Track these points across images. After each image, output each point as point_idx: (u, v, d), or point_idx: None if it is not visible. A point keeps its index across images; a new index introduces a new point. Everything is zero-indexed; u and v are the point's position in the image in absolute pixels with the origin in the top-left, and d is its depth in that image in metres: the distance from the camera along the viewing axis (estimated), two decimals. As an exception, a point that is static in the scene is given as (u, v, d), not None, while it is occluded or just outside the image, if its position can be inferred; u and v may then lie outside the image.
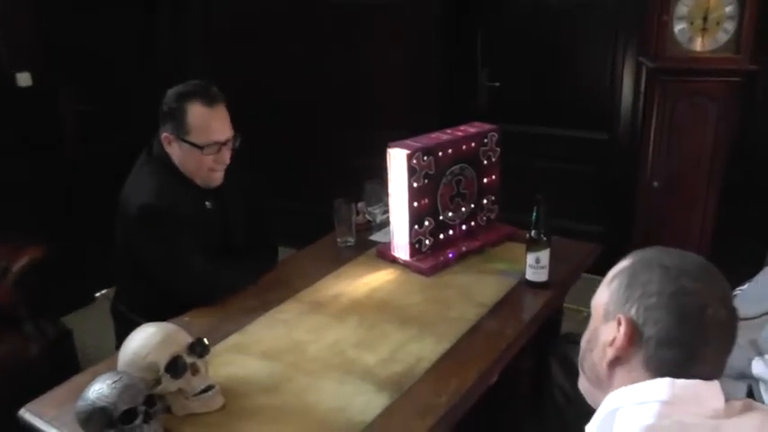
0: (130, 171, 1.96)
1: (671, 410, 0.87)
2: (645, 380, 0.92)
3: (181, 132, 1.87)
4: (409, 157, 1.87)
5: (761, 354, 1.54)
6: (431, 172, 1.94)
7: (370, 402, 1.45)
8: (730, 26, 2.65)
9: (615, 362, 0.95)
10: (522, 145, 3.34)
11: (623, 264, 1.01)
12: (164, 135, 1.90)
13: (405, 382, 1.52)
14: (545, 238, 1.90)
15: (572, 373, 2.03)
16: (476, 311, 1.82)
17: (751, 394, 1.57)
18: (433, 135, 2.00)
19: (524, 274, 1.95)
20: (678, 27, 2.69)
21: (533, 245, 1.92)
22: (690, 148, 2.79)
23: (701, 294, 0.91)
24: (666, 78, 2.76)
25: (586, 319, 1.09)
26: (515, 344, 1.73)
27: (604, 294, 1.00)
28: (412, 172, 1.89)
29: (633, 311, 0.93)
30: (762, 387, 1.56)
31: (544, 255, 1.92)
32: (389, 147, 1.92)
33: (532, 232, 1.91)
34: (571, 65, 3.38)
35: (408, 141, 1.94)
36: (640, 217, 2.97)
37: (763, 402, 1.55)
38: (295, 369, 1.57)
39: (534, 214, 1.90)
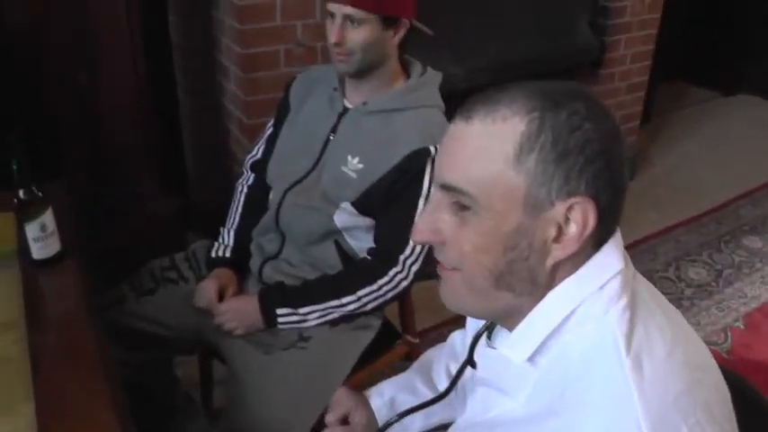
0: None
1: (626, 276, 0.71)
2: (588, 260, 0.70)
3: None
4: None
5: (337, 206, 1.49)
6: None
7: None
8: None
9: (565, 259, 0.69)
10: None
11: (514, 125, 0.65)
12: None
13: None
14: (41, 194, 1.30)
15: (127, 338, 1.56)
16: (9, 341, 1.16)
17: (340, 248, 1.54)
18: None
19: (27, 254, 1.33)
20: None
21: (30, 209, 1.29)
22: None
23: (619, 131, 0.70)
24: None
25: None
26: (105, 353, 1.19)
27: (516, 178, 0.66)
28: None
29: (583, 187, 0.66)
30: (346, 236, 1.53)
31: (48, 217, 1.32)
32: None
33: (21, 192, 1.27)
34: None
35: None
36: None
37: (351, 247, 1.54)
38: None
39: (15, 166, 1.26)
